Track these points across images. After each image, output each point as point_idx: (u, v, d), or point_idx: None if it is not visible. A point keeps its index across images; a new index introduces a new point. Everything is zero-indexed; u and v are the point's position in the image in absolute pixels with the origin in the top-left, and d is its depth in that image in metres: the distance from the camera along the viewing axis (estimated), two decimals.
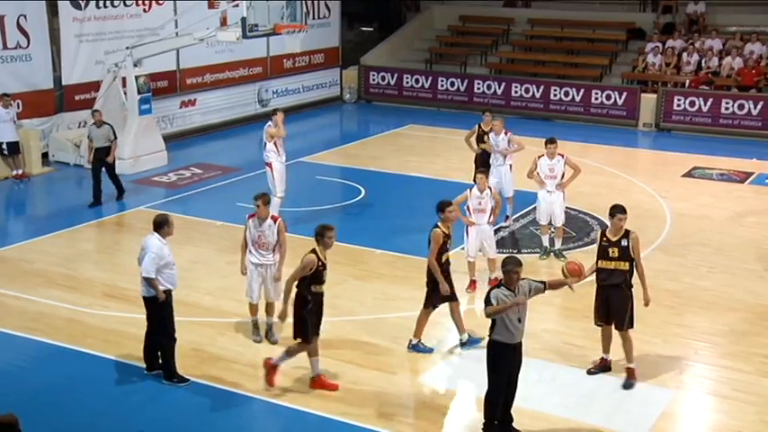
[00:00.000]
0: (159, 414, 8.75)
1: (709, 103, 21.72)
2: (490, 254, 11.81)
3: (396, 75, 25.45)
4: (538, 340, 9.94)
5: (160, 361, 9.32)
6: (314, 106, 25.04)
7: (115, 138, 15.58)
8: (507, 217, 14.50)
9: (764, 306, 11.39)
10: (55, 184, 16.53)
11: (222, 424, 8.55)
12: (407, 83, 25.29)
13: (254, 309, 10.15)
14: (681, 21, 25.16)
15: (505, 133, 14.14)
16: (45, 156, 18.08)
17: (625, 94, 22.73)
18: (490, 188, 11.85)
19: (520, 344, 8.03)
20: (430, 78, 25.08)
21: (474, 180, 14.60)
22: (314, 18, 24.59)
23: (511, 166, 14.20)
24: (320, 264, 8.76)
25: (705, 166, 18.63)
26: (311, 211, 14.98)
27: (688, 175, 18.02)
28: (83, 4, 18.74)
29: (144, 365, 9.47)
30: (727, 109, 21.56)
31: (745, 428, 8.50)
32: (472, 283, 11.77)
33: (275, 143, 13.80)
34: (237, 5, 15.90)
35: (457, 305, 9.94)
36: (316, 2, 25.02)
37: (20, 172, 17.00)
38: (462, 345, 10.00)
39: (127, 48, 17.72)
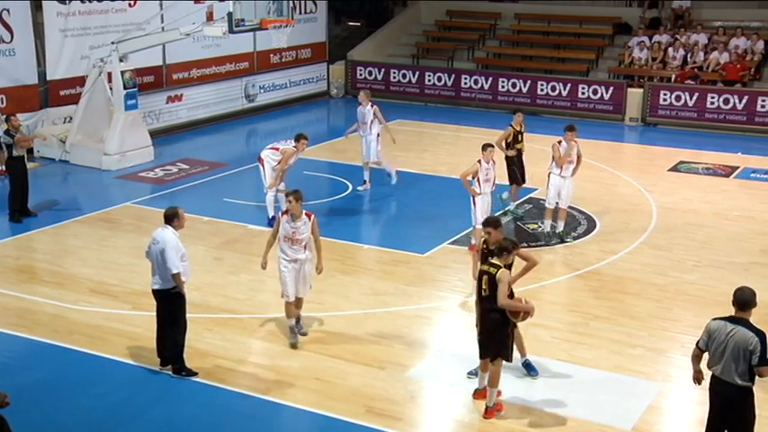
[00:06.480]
0: (144, 410, 8.72)
1: (694, 98, 21.81)
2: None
3: (383, 70, 25.43)
4: (526, 335, 9.91)
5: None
6: (301, 101, 24.99)
7: None
8: (365, 181, 15.90)
9: None
10: (40, 180, 16.41)
11: (208, 419, 8.53)
12: (395, 78, 25.27)
13: (292, 309, 9.88)
14: (666, 16, 25.26)
15: (371, 105, 15.69)
16: (30, 152, 17.93)
17: (612, 88, 22.80)
18: (494, 161, 12.58)
19: (723, 382, 7.02)
20: (417, 73, 25.07)
21: (512, 180, 14.72)
22: (300, 13, 24.54)
23: (378, 135, 15.68)
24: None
25: (691, 160, 18.71)
26: None
27: (674, 169, 18.10)
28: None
29: (134, 362, 9.45)
30: (712, 103, 21.66)
31: None
32: (472, 246, 12.23)
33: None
34: (224, 0, 15.83)
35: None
36: None
37: (3, 168, 16.86)
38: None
39: (112, 42, 17.61)
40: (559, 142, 13.38)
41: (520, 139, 14.71)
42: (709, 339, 7.08)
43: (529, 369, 9.32)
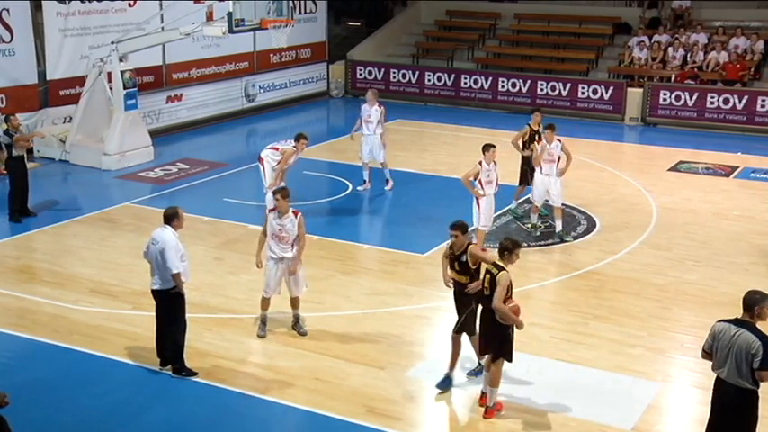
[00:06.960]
0: (143, 410, 8.72)
1: (694, 98, 21.81)
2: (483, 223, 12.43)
3: (383, 70, 25.43)
4: (525, 334, 9.92)
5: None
6: (301, 101, 24.98)
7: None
8: (365, 181, 16.13)
9: None
10: (40, 180, 16.41)
11: (208, 419, 8.53)
12: (394, 78, 25.27)
13: (266, 303, 10.09)
14: (666, 15, 25.26)
15: (379, 105, 15.83)
16: (30, 152, 17.93)
17: (611, 88, 22.80)
18: (495, 162, 12.40)
19: (727, 384, 6.97)
20: (417, 73, 25.07)
21: (522, 181, 14.64)
22: (300, 13, 24.55)
23: (381, 135, 15.80)
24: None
25: (691, 160, 18.71)
26: (298, 206, 14.89)
27: (674, 169, 18.10)
28: None
29: (134, 362, 9.44)
30: (712, 103, 21.66)
31: None
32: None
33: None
34: (224, 0, 15.83)
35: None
36: None
37: (3, 168, 16.86)
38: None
39: (112, 42, 17.61)
40: (539, 141, 13.55)
41: (536, 139, 14.67)
42: (713, 342, 7.06)
43: (444, 382, 9.00)
